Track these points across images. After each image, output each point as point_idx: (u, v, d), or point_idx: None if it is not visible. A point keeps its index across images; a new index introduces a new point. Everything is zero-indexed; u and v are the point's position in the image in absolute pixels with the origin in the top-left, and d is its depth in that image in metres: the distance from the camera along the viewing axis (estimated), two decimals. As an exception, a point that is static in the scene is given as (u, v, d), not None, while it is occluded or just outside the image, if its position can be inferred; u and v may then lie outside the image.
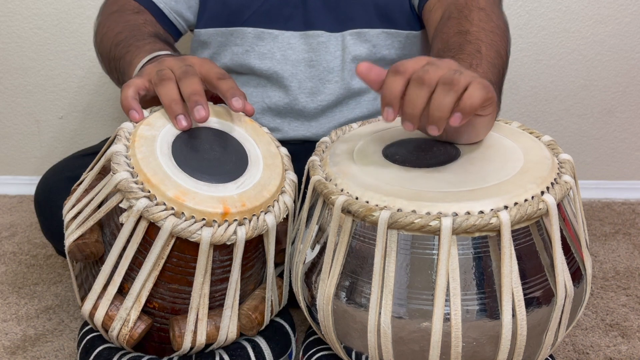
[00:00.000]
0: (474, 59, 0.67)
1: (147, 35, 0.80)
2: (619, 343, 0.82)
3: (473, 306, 0.52)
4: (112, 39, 0.79)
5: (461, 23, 0.74)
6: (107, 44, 0.80)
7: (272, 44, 0.87)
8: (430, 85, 0.53)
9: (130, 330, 0.61)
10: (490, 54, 0.69)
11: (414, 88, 0.53)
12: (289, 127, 0.89)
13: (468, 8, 0.76)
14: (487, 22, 0.74)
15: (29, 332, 0.85)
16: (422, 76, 0.53)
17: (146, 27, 0.83)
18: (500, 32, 0.74)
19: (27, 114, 1.34)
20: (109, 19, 0.84)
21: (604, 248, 1.09)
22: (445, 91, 0.52)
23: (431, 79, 0.53)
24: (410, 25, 0.88)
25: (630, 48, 1.25)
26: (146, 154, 0.58)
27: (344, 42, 0.86)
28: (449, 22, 0.76)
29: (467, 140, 0.62)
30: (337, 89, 0.87)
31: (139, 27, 0.81)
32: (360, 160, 0.61)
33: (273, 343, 0.68)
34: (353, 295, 0.56)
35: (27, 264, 1.04)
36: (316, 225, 0.60)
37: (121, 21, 0.82)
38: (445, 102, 0.52)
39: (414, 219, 0.51)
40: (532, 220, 0.53)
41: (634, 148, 1.33)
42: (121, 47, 0.77)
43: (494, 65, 0.68)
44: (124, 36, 0.78)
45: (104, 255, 0.62)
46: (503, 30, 0.75)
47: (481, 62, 0.67)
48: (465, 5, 0.76)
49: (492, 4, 0.77)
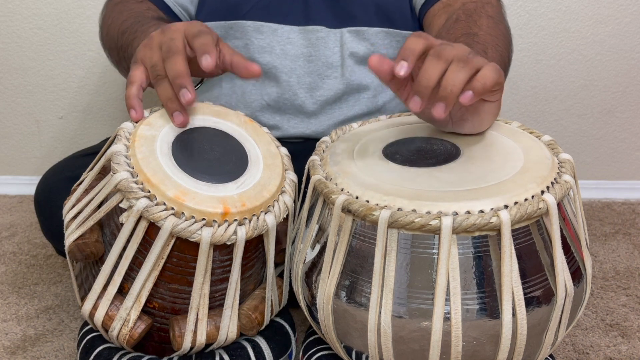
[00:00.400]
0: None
1: (151, 19, 0.80)
2: (619, 343, 0.82)
3: (473, 305, 0.52)
4: (118, 28, 0.80)
5: (470, 26, 0.76)
6: (114, 34, 0.81)
7: (271, 37, 0.87)
8: (447, 60, 0.54)
9: (130, 330, 0.61)
10: (494, 57, 0.71)
11: (431, 60, 0.54)
12: (289, 125, 0.89)
13: (477, 14, 0.78)
14: (495, 29, 0.76)
15: (29, 332, 0.85)
16: (440, 52, 0.54)
17: (149, 12, 0.84)
18: (506, 41, 0.76)
19: (27, 114, 1.34)
20: (113, 10, 0.85)
21: (604, 248, 1.09)
22: (459, 67, 0.53)
23: (447, 55, 0.54)
24: (409, 26, 0.88)
25: (630, 48, 1.25)
26: (146, 154, 0.58)
27: (342, 39, 0.86)
28: (456, 25, 0.77)
29: (471, 129, 0.62)
30: (336, 84, 0.87)
31: (143, 14, 0.82)
32: (360, 160, 0.61)
33: (273, 343, 0.68)
34: (353, 294, 0.56)
35: (27, 264, 1.04)
36: (316, 224, 0.60)
37: (125, 10, 0.83)
38: (459, 77, 0.53)
39: (414, 218, 0.51)
40: (532, 219, 0.53)
41: (634, 148, 1.33)
42: (127, 34, 0.77)
43: None
44: (129, 23, 0.79)
45: (104, 255, 0.62)
46: (508, 39, 0.77)
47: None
48: (475, 11, 0.78)
49: (499, 14, 0.80)
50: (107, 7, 0.87)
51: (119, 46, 0.80)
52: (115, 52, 0.82)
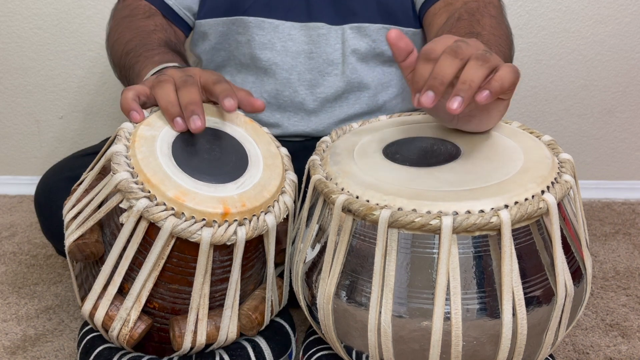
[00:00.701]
0: None
1: (157, 44, 0.80)
2: (619, 343, 0.82)
3: (473, 305, 0.52)
4: (123, 47, 0.80)
5: (473, 25, 0.76)
6: (118, 52, 0.81)
7: (272, 34, 0.87)
8: (463, 58, 0.53)
9: (130, 330, 0.61)
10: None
11: (447, 57, 0.53)
12: (289, 122, 0.89)
13: (480, 13, 0.78)
14: (497, 29, 0.76)
15: (29, 332, 0.85)
16: (456, 49, 0.54)
17: (156, 34, 0.83)
18: (508, 41, 0.76)
19: (27, 114, 1.34)
20: (120, 25, 0.85)
21: (604, 248, 1.09)
22: (478, 64, 0.53)
23: (464, 53, 0.53)
24: (411, 23, 0.88)
25: (630, 48, 1.25)
26: (146, 154, 0.58)
27: (344, 35, 0.86)
28: (459, 23, 0.77)
29: (477, 127, 0.62)
30: (336, 82, 0.87)
31: (149, 35, 0.82)
32: (360, 160, 0.61)
33: (273, 343, 0.68)
34: (353, 294, 0.56)
35: (27, 264, 1.04)
36: (316, 224, 0.60)
37: (132, 27, 0.83)
38: (477, 74, 0.53)
39: (414, 218, 0.51)
40: (533, 219, 0.53)
41: (634, 148, 1.33)
42: (131, 56, 0.78)
43: None
44: (134, 44, 0.79)
45: (104, 255, 0.62)
46: (510, 40, 0.77)
47: None
48: (477, 10, 0.78)
49: (501, 14, 0.80)
50: (114, 19, 0.87)
51: (121, 65, 0.80)
52: (118, 69, 0.83)
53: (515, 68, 0.55)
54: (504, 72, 0.53)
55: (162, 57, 0.75)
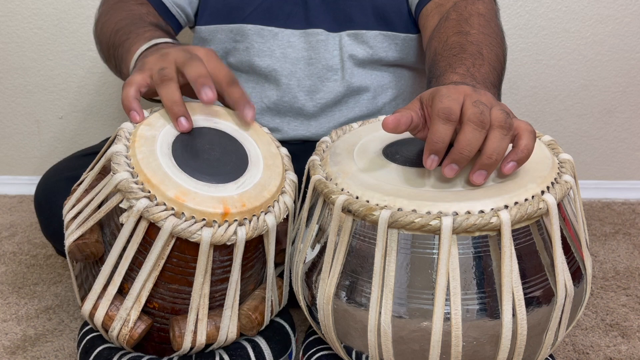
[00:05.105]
0: (476, 59, 0.67)
1: (148, 23, 0.80)
2: (619, 343, 0.82)
3: (473, 306, 0.52)
4: (113, 26, 0.79)
5: (461, 24, 0.75)
6: (108, 31, 0.80)
7: (272, 41, 0.87)
8: (486, 127, 0.51)
9: (130, 330, 0.61)
10: (491, 57, 0.70)
11: (473, 130, 0.51)
12: (289, 127, 0.89)
13: (468, 12, 0.77)
14: (487, 27, 0.75)
15: (29, 332, 0.85)
16: (482, 120, 0.51)
17: (148, 17, 0.83)
18: (499, 39, 0.75)
19: (27, 114, 1.34)
20: (112, 8, 0.84)
21: (604, 248, 1.09)
22: (502, 135, 0.51)
23: (486, 121, 0.51)
24: (408, 29, 0.88)
25: (630, 48, 1.25)
26: (146, 154, 0.58)
27: (341, 42, 0.87)
28: (447, 23, 0.77)
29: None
30: (336, 87, 0.87)
31: (141, 17, 0.82)
32: (360, 160, 0.61)
33: (273, 343, 0.68)
34: (353, 294, 0.56)
35: (27, 264, 1.04)
36: (316, 224, 0.60)
37: (124, 9, 0.83)
38: (502, 147, 0.51)
39: (414, 218, 0.51)
40: (533, 219, 0.53)
41: (634, 148, 1.33)
42: (121, 34, 0.77)
43: (494, 68, 0.69)
44: (124, 23, 0.79)
45: (104, 255, 0.62)
46: (501, 37, 0.76)
47: (483, 63, 0.67)
48: (465, 9, 0.78)
49: (491, 12, 0.79)
50: (106, 4, 0.87)
51: (110, 44, 0.79)
52: (106, 49, 0.81)
53: (531, 128, 0.53)
54: (527, 141, 0.52)
55: (152, 34, 0.74)
